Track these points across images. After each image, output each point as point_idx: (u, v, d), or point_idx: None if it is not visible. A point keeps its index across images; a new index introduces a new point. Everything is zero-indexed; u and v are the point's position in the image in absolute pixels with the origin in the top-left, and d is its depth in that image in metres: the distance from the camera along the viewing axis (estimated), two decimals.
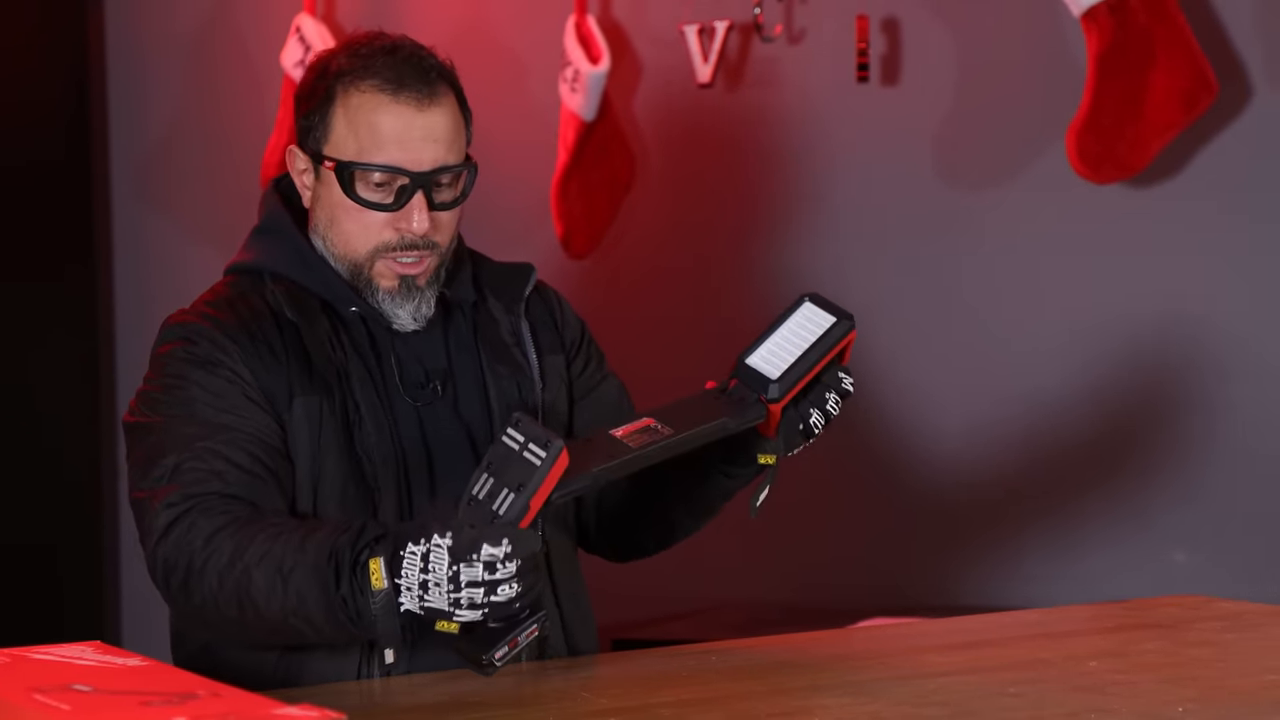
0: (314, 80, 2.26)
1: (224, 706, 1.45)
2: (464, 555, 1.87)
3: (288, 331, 2.22)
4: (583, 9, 3.92)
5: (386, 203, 2.22)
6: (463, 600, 1.89)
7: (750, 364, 2.12)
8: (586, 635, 2.35)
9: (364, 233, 2.23)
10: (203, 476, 2.11)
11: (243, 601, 2.03)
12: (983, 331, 3.72)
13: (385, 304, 2.26)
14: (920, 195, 3.78)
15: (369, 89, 2.21)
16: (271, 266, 2.28)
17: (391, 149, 2.20)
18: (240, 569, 2.02)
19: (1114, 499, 3.61)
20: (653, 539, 2.42)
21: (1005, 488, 3.72)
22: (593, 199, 3.95)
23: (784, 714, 1.89)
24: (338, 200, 2.24)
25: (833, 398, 2.15)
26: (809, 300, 2.15)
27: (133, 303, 4.66)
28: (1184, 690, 1.96)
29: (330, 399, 2.20)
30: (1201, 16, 3.46)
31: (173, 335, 2.22)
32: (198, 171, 4.58)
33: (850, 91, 3.78)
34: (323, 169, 2.24)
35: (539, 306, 2.41)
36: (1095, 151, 3.41)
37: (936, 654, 2.22)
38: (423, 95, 2.21)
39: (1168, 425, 3.56)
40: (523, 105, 4.09)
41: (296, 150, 2.28)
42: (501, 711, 1.96)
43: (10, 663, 1.64)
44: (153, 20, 4.62)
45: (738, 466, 2.25)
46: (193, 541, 2.06)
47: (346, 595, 1.95)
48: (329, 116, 2.23)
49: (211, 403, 2.16)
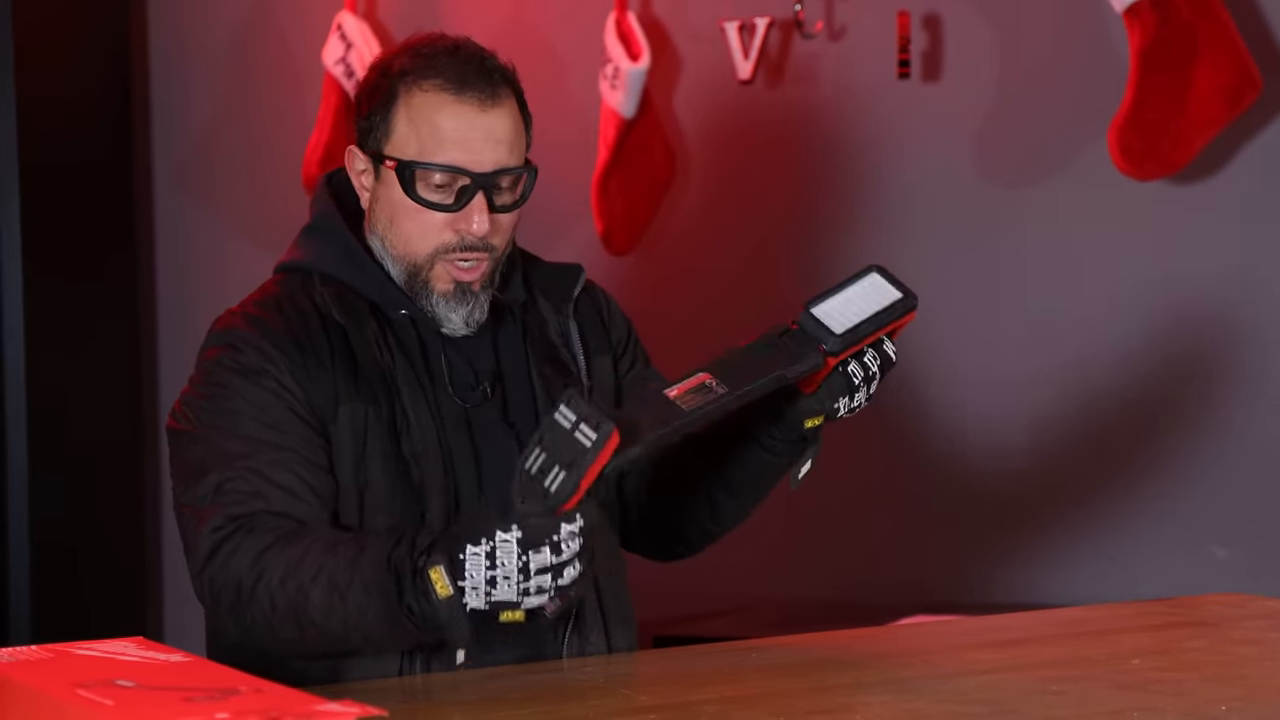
0: (376, 79, 2.25)
1: (266, 702, 1.45)
2: (535, 544, 1.88)
3: (335, 335, 2.22)
4: (623, 6, 3.92)
5: (447, 203, 2.21)
6: (531, 588, 1.90)
7: (816, 314, 2.12)
8: (626, 635, 2.35)
9: (423, 234, 2.23)
10: (245, 497, 2.11)
11: (301, 620, 2.03)
12: (1024, 327, 3.71)
13: (439, 308, 2.25)
14: (962, 192, 3.77)
15: (431, 88, 2.21)
16: (321, 267, 2.28)
17: (453, 149, 2.20)
18: (294, 587, 2.03)
19: (1156, 495, 3.59)
20: (695, 529, 2.41)
21: (1047, 484, 3.70)
22: (633, 196, 3.96)
23: (826, 711, 1.89)
24: (398, 200, 2.23)
25: (877, 361, 2.16)
26: (876, 272, 2.17)
27: (174, 300, 4.67)
28: (1229, 689, 1.95)
29: (377, 405, 2.19)
30: (1245, 12, 3.44)
31: (219, 341, 2.22)
32: (239, 169, 4.60)
33: (891, 88, 3.77)
34: (383, 168, 2.23)
35: (587, 306, 2.40)
36: (1138, 148, 3.40)
37: (979, 651, 2.21)
38: (485, 96, 2.21)
39: (1211, 420, 3.55)
40: (563, 102, 4.09)
41: (356, 150, 2.27)
42: (543, 708, 1.96)
43: (54, 658, 1.65)
44: (195, 18, 4.64)
45: (779, 438, 2.24)
46: (240, 563, 2.06)
47: (412, 603, 1.95)
48: (390, 116, 2.22)
49: (255, 416, 2.15)
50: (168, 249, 4.68)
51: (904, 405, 3.79)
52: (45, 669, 1.60)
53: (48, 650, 1.68)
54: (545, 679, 2.11)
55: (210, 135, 4.63)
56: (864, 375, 2.17)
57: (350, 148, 2.29)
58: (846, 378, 2.16)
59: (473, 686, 2.08)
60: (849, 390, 2.16)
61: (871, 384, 2.18)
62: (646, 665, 2.27)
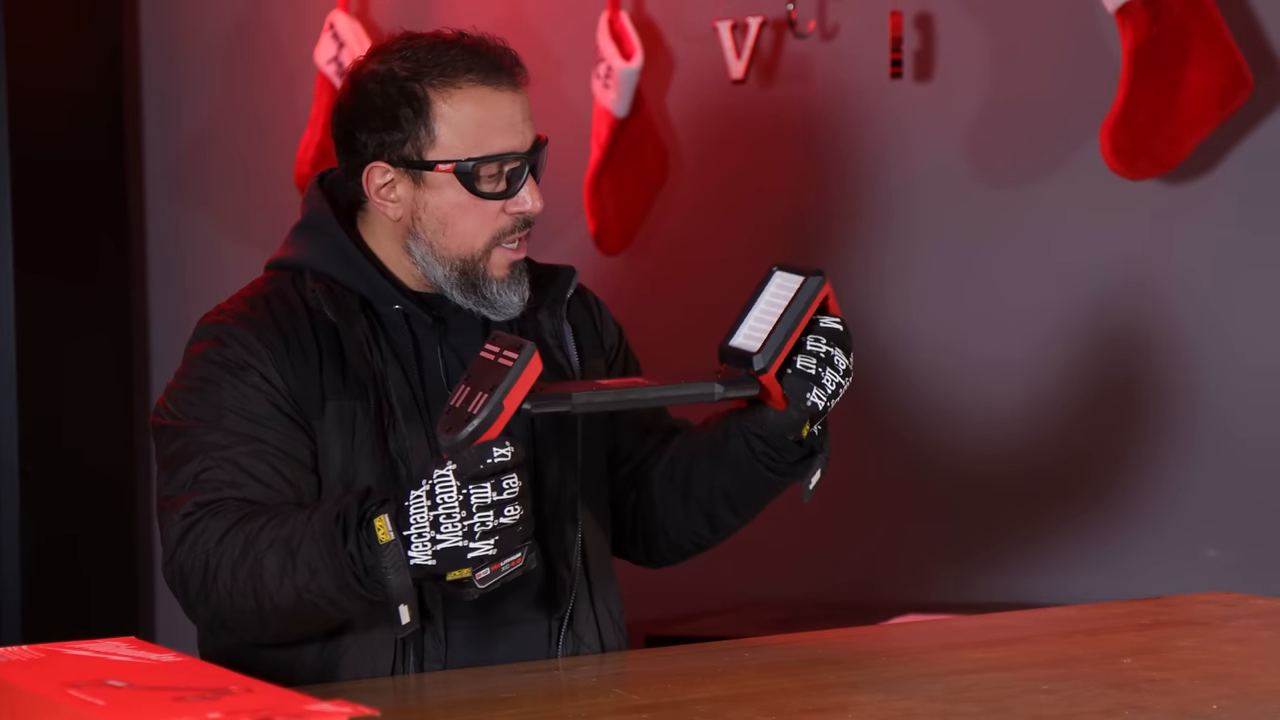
0: (382, 91, 2.22)
1: (257, 702, 1.46)
2: (471, 474, 1.89)
3: (324, 331, 2.22)
4: (616, 5, 3.92)
5: (502, 190, 2.23)
6: (475, 528, 1.90)
7: (732, 345, 2.14)
8: (617, 636, 2.35)
9: (482, 226, 2.23)
10: (219, 485, 2.12)
11: (257, 590, 2.04)
12: (1017, 328, 3.71)
13: (500, 295, 2.25)
14: (955, 191, 3.77)
15: (467, 84, 2.21)
16: (312, 263, 2.27)
17: (504, 137, 2.22)
18: (252, 558, 2.03)
19: (1147, 495, 3.60)
20: (692, 542, 2.42)
21: (1039, 484, 3.71)
22: (625, 195, 3.95)
23: (818, 710, 1.89)
24: (451, 202, 2.22)
25: (815, 342, 2.16)
26: (777, 270, 2.19)
27: (166, 299, 4.67)
28: (1219, 688, 1.96)
29: (365, 402, 2.19)
30: (1237, 12, 3.45)
31: (207, 334, 2.22)
32: (232, 169, 4.59)
33: (884, 88, 3.77)
34: (431, 175, 2.21)
35: (580, 309, 2.41)
36: (1129, 147, 3.40)
37: (970, 651, 2.21)
38: (512, 78, 2.24)
39: (1199, 420, 3.55)
40: (555, 101, 4.08)
41: (380, 165, 2.23)
42: (535, 707, 1.96)
43: (45, 658, 1.64)
44: (187, 18, 4.63)
45: (780, 458, 2.24)
46: (207, 544, 2.07)
47: (354, 551, 1.96)
48: (429, 122, 2.21)
49: (238, 410, 2.16)
50: (160, 248, 4.68)
51: (895, 406, 3.79)
52: (37, 669, 1.60)
53: (39, 650, 1.68)
54: (538, 678, 2.11)
55: (203, 134, 4.63)
56: (818, 359, 2.16)
57: (371, 166, 2.23)
58: (800, 374, 2.16)
59: (465, 685, 2.08)
60: (811, 382, 2.16)
61: (833, 363, 2.17)
62: (639, 664, 2.27)
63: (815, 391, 2.16)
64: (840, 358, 2.17)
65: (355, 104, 2.25)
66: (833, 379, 2.17)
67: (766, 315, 2.14)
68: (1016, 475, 3.73)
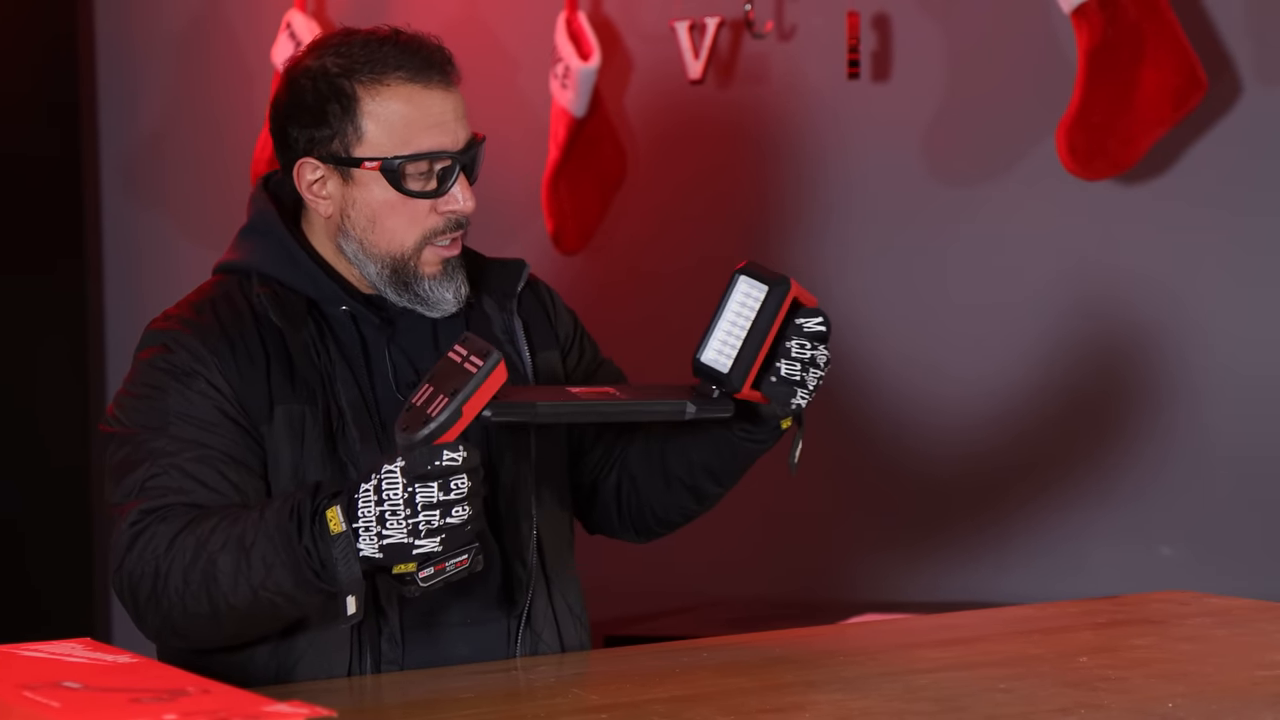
0: (313, 87, 2.22)
1: (214, 703, 1.45)
2: (419, 473, 1.89)
3: (271, 336, 2.21)
4: (574, 5, 3.92)
5: (431, 189, 2.21)
6: (420, 526, 1.90)
7: (705, 361, 2.12)
8: (579, 633, 2.35)
9: (411, 225, 2.22)
10: (165, 492, 2.11)
11: (211, 592, 2.03)
12: (972, 327, 3.73)
13: (432, 292, 2.24)
14: (911, 191, 3.78)
15: (396, 81, 2.20)
16: (258, 266, 2.26)
17: (433, 135, 2.20)
18: (205, 559, 2.03)
19: (1102, 494, 3.61)
20: (679, 513, 2.40)
21: (994, 484, 3.72)
22: (583, 195, 3.95)
23: (776, 710, 1.89)
24: (379, 200, 2.21)
25: (799, 348, 2.14)
26: (742, 276, 2.15)
27: (123, 298, 4.65)
28: (1174, 686, 1.97)
29: (313, 405, 2.18)
30: (1192, 13, 3.47)
31: (153, 341, 2.21)
32: (188, 167, 4.58)
33: (841, 88, 3.78)
34: (358, 172, 2.21)
35: (531, 302, 2.40)
36: (1085, 148, 3.41)
37: (927, 650, 2.22)
38: (443, 76, 2.22)
39: (1155, 420, 3.57)
40: (513, 101, 4.08)
41: (309, 161, 2.23)
42: (493, 708, 1.96)
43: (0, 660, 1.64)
44: (143, 15, 4.61)
45: (760, 431, 2.24)
46: (156, 550, 2.06)
47: (309, 545, 1.96)
48: (356, 118, 2.20)
49: (184, 416, 2.15)
50: (116, 246, 4.66)
51: (853, 406, 3.80)
52: None
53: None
54: (496, 679, 2.11)
55: (159, 133, 4.61)
56: (801, 364, 2.14)
57: (301, 161, 2.23)
58: (784, 381, 2.14)
59: (422, 686, 2.08)
60: (796, 387, 2.15)
61: (815, 363, 2.14)
62: (597, 665, 2.27)
63: (800, 394, 2.16)
64: (822, 354, 2.16)
65: (288, 99, 2.25)
66: (815, 377, 2.16)
67: (735, 329, 2.12)
68: (972, 474, 3.74)
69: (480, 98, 3.85)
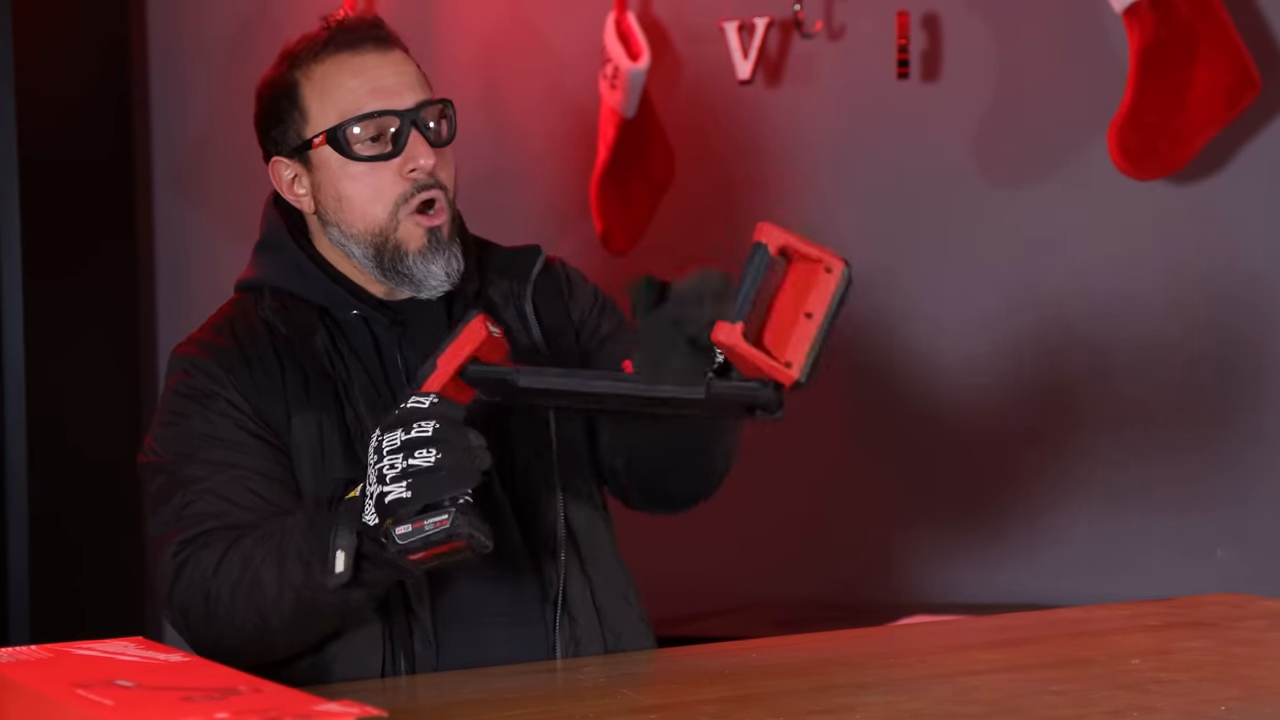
0: (270, 92, 2.26)
1: (265, 702, 1.45)
2: (389, 424, 1.89)
3: (285, 349, 2.22)
4: (623, 6, 3.92)
5: (386, 151, 2.21)
6: (385, 471, 1.88)
7: None
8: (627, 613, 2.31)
9: (376, 194, 2.21)
10: (202, 518, 2.12)
11: (260, 606, 2.03)
12: (1023, 327, 3.71)
13: (418, 267, 2.22)
14: (961, 192, 3.77)
15: (327, 56, 2.22)
16: (270, 281, 2.28)
17: (372, 98, 2.20)
18: (250, 575, 2.03)
19: (1155, 496, 3.59)
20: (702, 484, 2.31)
21: (1047, 485, 3.70)
22: (632, 195, 3.96)
23: (826, 711, 1.89)
24: (338, 173, 2.22)
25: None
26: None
27: (172, 300, 4.67)
28: (1228, 689, 1.95)
29: (330, 413, 2.19)
30: (1245, 12, 3.44)
31: (176, 366, 2.23)
32: (237, 169, 4.59)
33: (890, 88, 3.77)
34: (312, 151, 2.23)
35: (548, 286, 2.38)
36: (1137, 148, 3.40)
37: (978, 652, 2.21)
38: (378, 42, 2.23)
39: (1210, 421, 3.54)
40: (562, 102, 4.09)
41: (279, 160, 2.27)
42: (539, 708, 1.96)
43: (53, 658, 1.64)
44: (193, 18, 4.63)
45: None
46: (204, 574, 2.08)
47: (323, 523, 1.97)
48: (300, 103, 2.23)
49: (210, 438, 2.16)
50: (166, 249, 4.68)
51: (905, 410, 3.79)
52: (45, 669, 1.60)
53: (47, 650, 1.68)
54: (541, 679, 2.11)
55: (208, 136, 4.63)
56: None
57: (272, 162, 2.28)
58: None
59: (462, 687, 2.07)
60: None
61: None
62: (646, 665, 2.27)
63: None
64: None
65: (256, 112, 2.30)
66: None
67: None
68: (1023, 477, 3.72)
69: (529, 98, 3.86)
